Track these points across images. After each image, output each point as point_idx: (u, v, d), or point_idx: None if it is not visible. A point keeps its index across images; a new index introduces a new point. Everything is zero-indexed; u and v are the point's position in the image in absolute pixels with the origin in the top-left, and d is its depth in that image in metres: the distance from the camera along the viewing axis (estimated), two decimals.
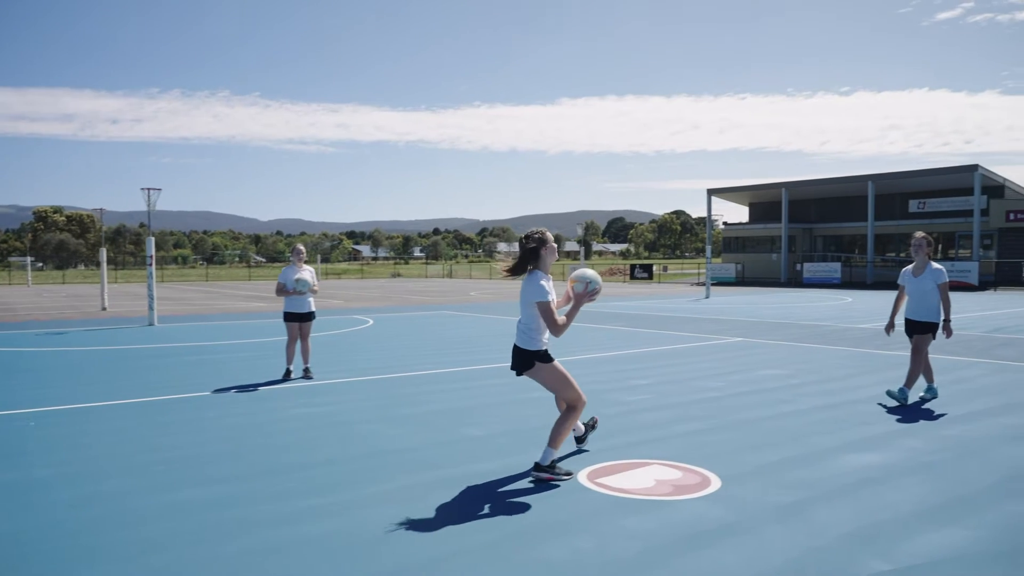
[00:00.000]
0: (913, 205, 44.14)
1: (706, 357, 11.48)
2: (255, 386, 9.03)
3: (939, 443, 6.05)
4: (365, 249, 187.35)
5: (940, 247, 41.89)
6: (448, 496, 4.79)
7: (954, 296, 26.65)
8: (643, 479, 5.13)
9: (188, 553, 3.89)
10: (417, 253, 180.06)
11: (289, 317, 9.65)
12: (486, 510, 4.53)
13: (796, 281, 41.52)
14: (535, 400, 7.98)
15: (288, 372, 9.64)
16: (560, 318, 5.04)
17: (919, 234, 7.92)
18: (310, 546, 3.98)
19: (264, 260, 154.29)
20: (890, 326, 8.26)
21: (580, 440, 6.01)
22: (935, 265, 7.82)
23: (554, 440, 5.18)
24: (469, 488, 4.95)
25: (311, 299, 9.74)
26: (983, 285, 33.80)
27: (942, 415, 7.14)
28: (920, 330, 7.82)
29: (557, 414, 7.21)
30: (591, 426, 6.09)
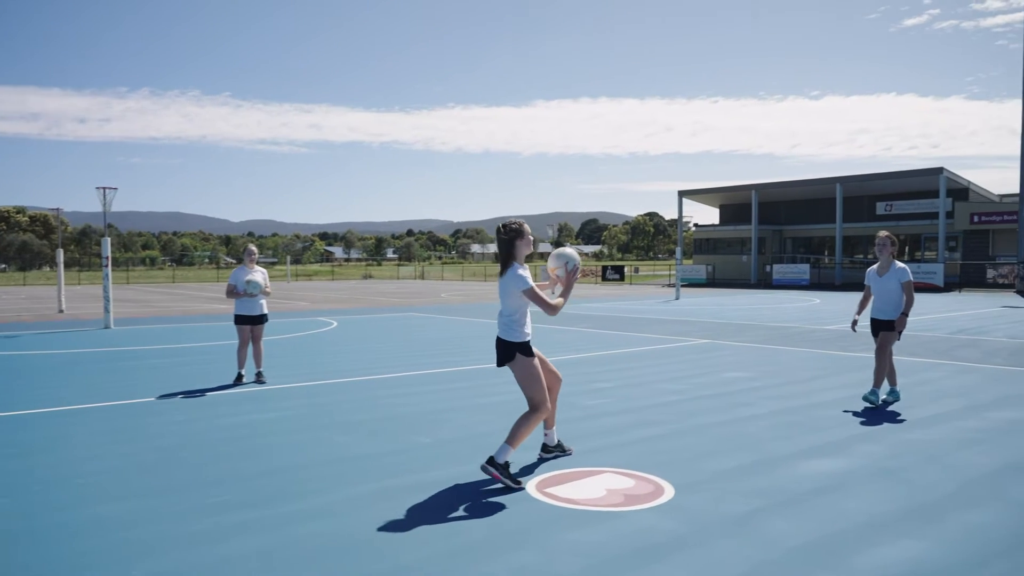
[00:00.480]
0: (880, 207, 44.62)
1: (671, 359, 11.34)
2: (203, 391, 8.71)
3: (899, 448, 5.92)
4: (338, 250, 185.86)
5: (907, 249, 42.39)
6: (387, 510, 4.54)
7: (920, 297, 26.91)
8: (594, 488, 4.93)
9: None
10: (390, 254, 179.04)
11: (240, 320, 9.33)
12: (427, 525, 4.29)
13: (766, 282, 41.75)
14: (492, 405, 7.76)
15: (240, 376, 9.32)
16: (555, 300, 5.12)
17: (883, 233, 7.87)
18: (229, 566, 3.72)
19: (234, 261, 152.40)
20: (854, 323, 8.20)
21: (545, 450, 5.74)
22: (899, 264, 7.76)
23: (512, 439, 5.06)
24: (411, 501, 4.71)
25: (263, 301, 9.43)
26: (948, 286, 34.21)
27: (903, 419, 7.03)
28: (886, 328, 7.75)
29: (512, 421, 7.02)
30: (562, 450, 5.77)
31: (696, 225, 53.75)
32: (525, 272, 5.16)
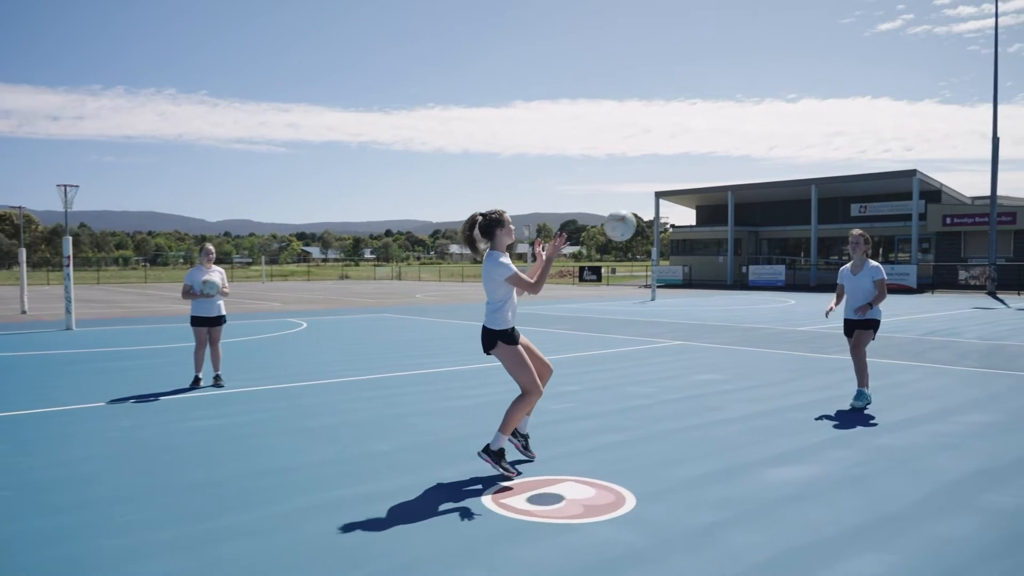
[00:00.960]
0: (855, 209, 44.90)
1: (642, 361, 11.16)
2: (157, 395, 8.38)
3: (869, 453, 5.76)
4: (315, 251, 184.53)
5: (880, 250, 42.68)
6: (330, 523, 4.28)
7: (893, 299, 27.04)
8: (552, 499, 4.70)
9: None
10: (368, 255, 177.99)
11: (197, 321, 9.01)
12: (370, 540, 4.04)
13: (742, 283, 41.85)
14: (458, 410, 7.52)
15: (197, 380, 9.00)
16: (535, 279, 5.14)
17: (856, 231, 7.75)
18: None
19: None
20: (829, 310, 7.97)
21: (513, 434, 5.53)
22: (872, 263, 7.66)
23: (505, 425, 5.13)
24: (357, 513, 4.45)
25: (221, 302, 9.12)
26: (921, 288, 34.45)
27: (875, 423, 6.88)
28: (861, 327, 7.63)
29: (477, 426, 6.79)
30: (525, 446, 5.59)
31: (672, 226, 53.82)
32: (506, 259, 5.18)
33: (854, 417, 7.11)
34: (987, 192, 35.84)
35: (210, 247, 9.16)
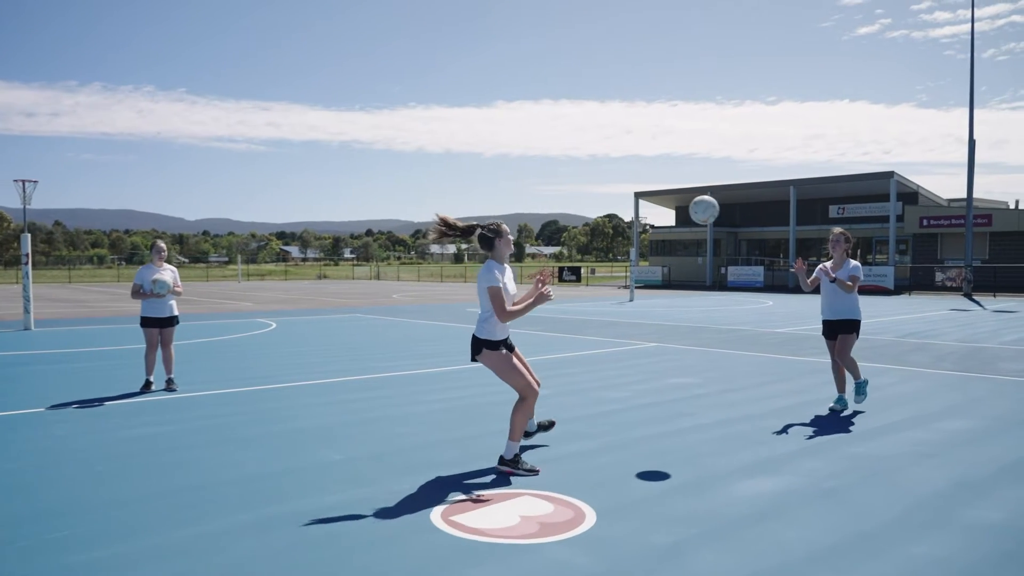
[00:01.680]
0: (833, 210, 45.01)
1: (615, 364, 10.86)
2: (102, 400, 7.95)
3: (843, 464, 5.48)
4: (294, 250, 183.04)
5: (858, 252, 42.79)
6: (261, 545, 3.92)
7: (870, 300, 27.02)
8: (507, 516, 4.37)
9: None
10: (348, 254, 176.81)
11: (147, 322, 8.59)
12: (303, 564, 3.68)
13: (721, 284, 41.78)
14: (419, 415, 7.17)
15: (148, 383, 8.57)
16: (512, 307, 5.14)
17: (837, 230, 7.51)
18: None
19: (187, 261, 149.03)
20: (799, 268, 7.41)
21: (526, 436, 5.77)
22: (852, 262, 7.42)
23: (513, 432, 5.22)
24: (291, 533, 4.09)
25: (173, 302, 8.70)
26: (898, 289, 34.51)
27: (850, 430, 6.62)
28: (843, 329, 7.36)
29: (438, 432, 6.45)
30: (545, 427, 5.93)
31: (652, 227, 53.71)
32: (497, 272, 5.20)
33: (829, 424, 6.85)
34: (963, 195, 36.01)
35: (161, 244, 8.75)
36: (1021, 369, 10.17)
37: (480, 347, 5.25)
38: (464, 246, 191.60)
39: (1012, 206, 41.95)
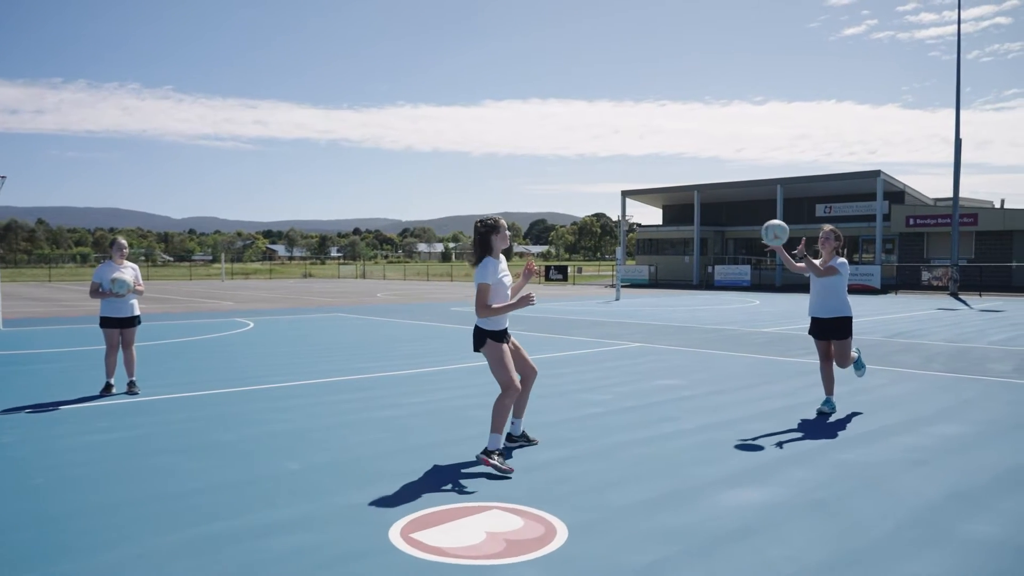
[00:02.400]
0: (820, 209, 44.95)
1: (599, 365, 10.56)
2: (58, 404, 7.57)
3: (833, 472, 5.19)
4: (281, 249, 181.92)
5: (845, 251, 42.71)
6: (200, 564, 3.58)
7: (858, 300, 26.87)
8: (472, 532, 4.04)
9: None
10: (335, 253, 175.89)
11: (107, 323, 8.20)
12: None
13: (708, 283, 41.61)
14: (385, 421, 6.84)
15: (108, 387, 8.20)
16: (494, 306, 5.29)
17: (827, 227, 7.26)
18: None
19: (172, 259, 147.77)
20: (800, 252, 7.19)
21: (510, 439, 5.88)
22: (840, 259, 7.16)
23: (495, 425, 5.30)
24: (230, 555, 3.75)
25: (134, 301, 8.31)
26: (885, 288, 34.43)
27: (839, 435, 6.34)
28: (835, 333, 7.09)
29: (406, 439, 6.13)
30: (527, 439, 5.94)
31: (639, 225, 53.54)
32: (490, 267, 5.33)
33: (817, 428, 6.57)
34: (948, 194, 36.00)
35: (123, 241, 8.35)
36: (1010, 370, 9.95)
37: (484, 338, 5.37)
38: (452, 245, 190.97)
39: (997, 205, 42.03)
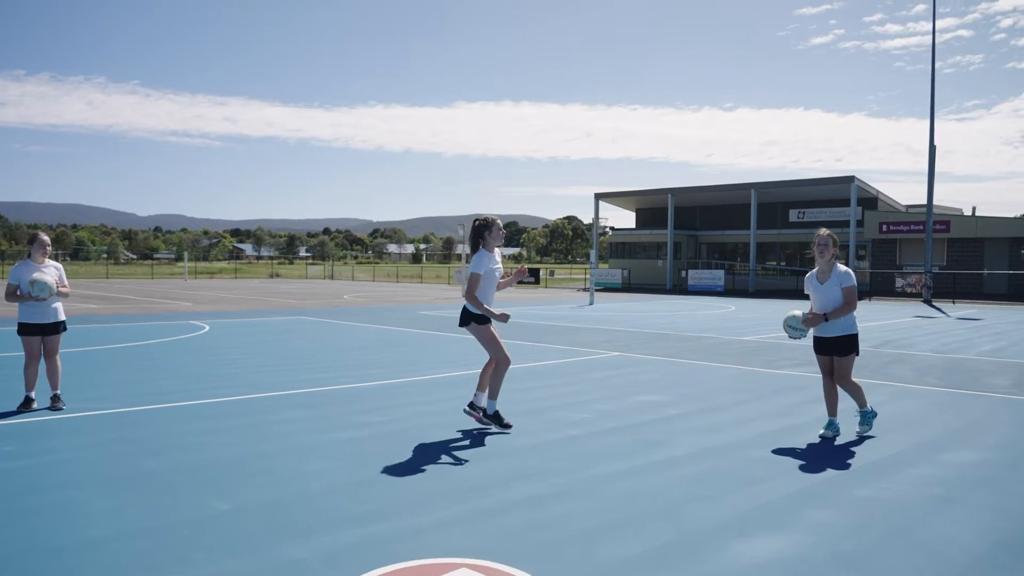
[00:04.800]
0: (793, 214, 44.84)
1: (576, 378, 9.82)
2: None
3: (855, 514, 4.48)
4: (248, 248, 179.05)
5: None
6: None
7: None
8: None
9: None
10: (304, 253, 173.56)
11: (27, 329, 7.26)
12: None
13: (681, 288, 41.20)
14: (335, 444, 6.01)
15: (28, 401, 7.28)
16: (479, 299, 6.24)
17: (824, 231, 6.49)
18: None
19: (135, 257, 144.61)
20: (810, 315, 6.52)
21: (471, 407, 6.51)
22: (842, 268, 6.42)
23: (493, 392, 6.40)
24: None
25: (58, 305, 7.38)
26: (860, 295, 34.22)
27: (850, 463, 5.65)
28: (839, 350, 6.39)
29: (365, 471, 5.31)
30: (500, 421, 6.48)
31: (612, 229, 53.07)
32: (484, 259, 6.28)
33: (824, 456, 5.88)
34: (915, 201, 35.94)
35: (45, 238, 7.40)
36: (1009, 385, 9.40)
37: (469, 319, 6.29)
38: (423, 246, 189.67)
39: (968, 213, 42.21)
